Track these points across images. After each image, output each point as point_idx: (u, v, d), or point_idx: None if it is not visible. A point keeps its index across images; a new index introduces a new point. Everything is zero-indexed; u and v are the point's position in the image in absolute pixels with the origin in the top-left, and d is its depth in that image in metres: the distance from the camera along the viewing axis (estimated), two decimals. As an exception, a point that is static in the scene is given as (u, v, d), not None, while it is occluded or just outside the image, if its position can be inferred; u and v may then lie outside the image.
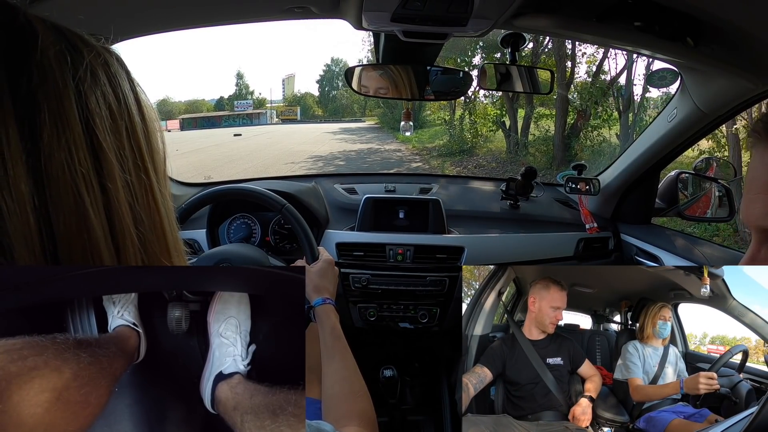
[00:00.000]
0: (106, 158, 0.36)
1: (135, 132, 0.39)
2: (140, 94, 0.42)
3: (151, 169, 0.41)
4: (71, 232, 0.34)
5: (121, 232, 0.37)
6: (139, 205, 0.39)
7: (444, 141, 12.22)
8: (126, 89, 0.39)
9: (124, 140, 0.38)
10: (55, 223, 0.33)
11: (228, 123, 33.58)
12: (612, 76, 8.19)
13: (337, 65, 38.08)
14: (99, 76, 0.37)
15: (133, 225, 0.38)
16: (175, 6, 0.88)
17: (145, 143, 0.40)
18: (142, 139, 0.40)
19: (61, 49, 0.34)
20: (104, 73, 0.37)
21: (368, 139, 17.39)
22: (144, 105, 0.42)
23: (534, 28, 0.89)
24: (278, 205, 1.00)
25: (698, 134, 1.20)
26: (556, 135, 8.66)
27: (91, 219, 0.34)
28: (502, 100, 9.98)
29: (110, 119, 0.37)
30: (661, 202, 1.40)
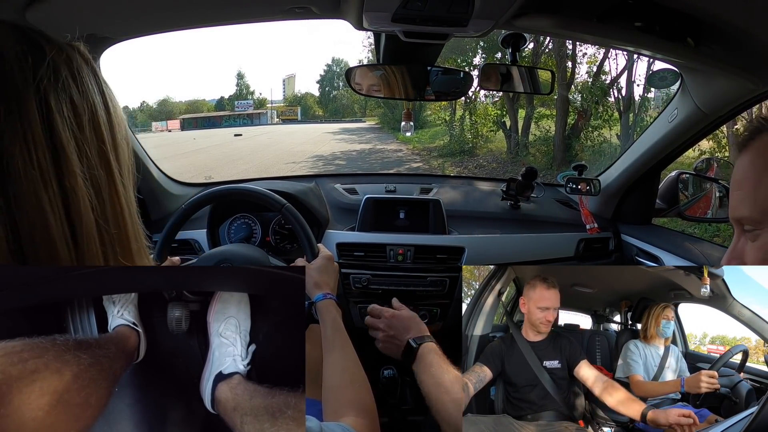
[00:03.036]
0: (67, 156, 0.36)
1: (98, 125, 0.40)
2: (104, 88, 0.42)
3: (114, 162, 0.41)
4: (33, 229, 0.35)
5: (80, 227, 0.37)
6: (103, 198, 0.39)
7: (444, 141, 12.22)
8: (89, 83, 0.40)
9: (87, 133, 0.39)
10: (19, 220, 0.34)
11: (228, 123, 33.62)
12: (612, 77, 8.20)
13: (337, 65, 38.10)
14: (61, 72, 0.37)
15: (93, 219, 0.39)
16: (176, 6, 0.88)
17: (108, 136, 0.41)
18: (105, 133, 0.41)
19: (22, 50, 0.35)
20: (67, 69, 0.38)
21: (369, 139, 17.39)
22: (108, 98, 0.42)
23: (534, 28, 0.89)
24: (278, 205, 1.00)
25: (699, 135, 1.20)
26: (556, 135, 8.65)
27: (48, 214, 0.35)
28: (503, 101, 9.99)
29: (72, 114, 0.37)
30: (662, 202, 1.40)
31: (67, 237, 0.37)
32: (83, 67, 0.40)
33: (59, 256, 0.36)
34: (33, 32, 0.38)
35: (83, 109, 0.38)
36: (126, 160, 0.44)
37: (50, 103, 0.36)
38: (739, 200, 0.49)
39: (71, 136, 0.37)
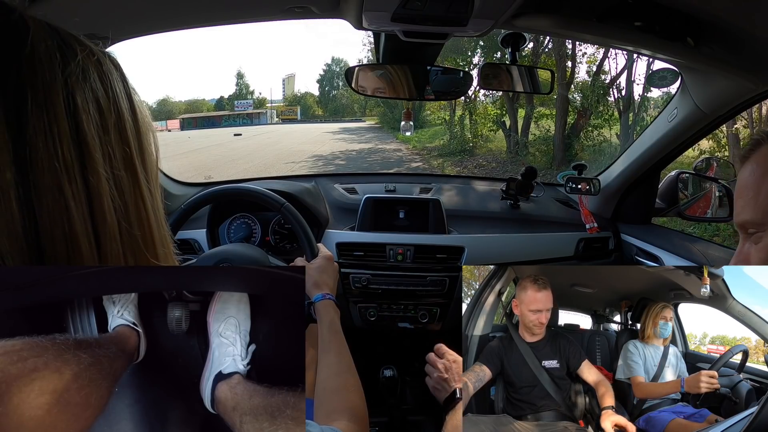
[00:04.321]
0: (90, 152, 0.36)
1: (124, 129, 0.40)
2: (133, 95, 0.42)
3: (140, 167, 0.41)
4: (54, 223, 0.34)
5: (103, 226, 0.37)
6: (126, 201, 0.39)
7: (444, 141, 12.22)
8: (118, 88, 0.40)
9: (112, 136, 0.38)
10: (38, 212, 0.34)
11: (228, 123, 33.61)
12: (612, 76, 8.20)
13: (337, 65, 38.10)
14: (90, 73, 0.37)
15: (117, 221, 0.38)
16: (175, 6, 0.88)
17: (135, 141, 0.41)
18: (131, 137, 0.41)
19: (52, 45, 0.35)
20: (95, 71, 0.38)
21: (368, 138, 17.39)
22: (136, 105, 0.43)
23: (534, 28, 0.89)
24: (277, 204, 1.00)
25: (698, 134, 1.20)
26: (556, 135, 8.66)
27: (71, 210, 0.35)
28: (503, 100, 9.99)
29: (98, 114, 0.37)
30: (662, 202, 1.40)
31: (90, 235, 0.36)
32: (112, 72, 0.40)
33: (81, 254, 0.36)
34: (66, 33, 0.38)
35: (109, 111, 0.38)
36: (153, 168, 0.44)
37: (77, 100, 0.36)
38: (741, 207, 0.53)
39: (96, 134, 0.37)
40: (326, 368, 0.70)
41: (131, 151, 0.40)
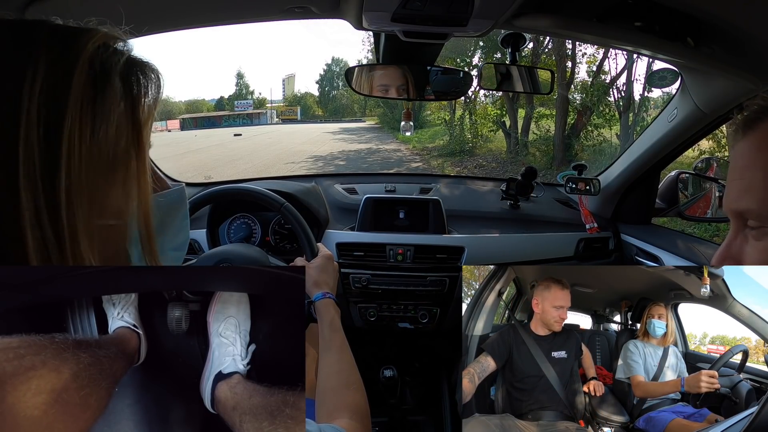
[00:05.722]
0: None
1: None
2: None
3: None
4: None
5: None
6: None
7: (444, 141, 12.21)
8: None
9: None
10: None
11: (228, 123, 33.60)
12: (612, 76, 8.20)
13: (337, 65, 38.08)
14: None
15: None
16: (175, 6, 0.88)
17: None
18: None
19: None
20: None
21: (368, 139, 17.38)
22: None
23: (534, 28, 0.89)
24: (277, 204, 1.00)
25: (698, 134, 1.20)
26: (556, 135, 8.65)
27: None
28: (503, 100, 9.98)
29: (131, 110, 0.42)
30: (662, 202, 1.40)
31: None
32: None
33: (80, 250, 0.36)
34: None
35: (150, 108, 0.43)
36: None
37: (131, 86, 0.41)
38: (740, 191, 0.42)
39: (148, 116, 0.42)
40: (327, 366, 0.70)
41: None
